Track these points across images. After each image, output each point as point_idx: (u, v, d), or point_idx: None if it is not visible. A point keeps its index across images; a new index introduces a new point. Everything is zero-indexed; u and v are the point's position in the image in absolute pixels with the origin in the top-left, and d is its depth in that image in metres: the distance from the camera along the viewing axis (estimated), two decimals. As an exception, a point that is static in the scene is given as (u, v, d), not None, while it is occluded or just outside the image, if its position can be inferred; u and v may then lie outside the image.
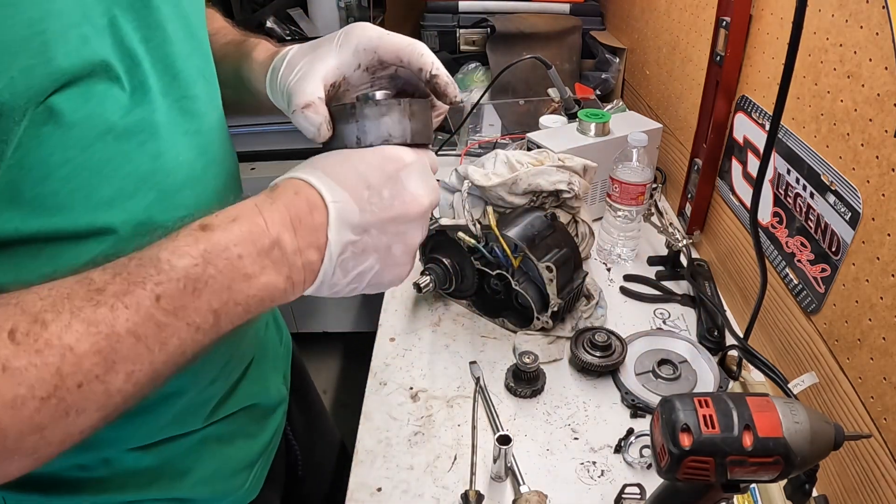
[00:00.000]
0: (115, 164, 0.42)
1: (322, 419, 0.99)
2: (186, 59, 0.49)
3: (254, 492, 0.66)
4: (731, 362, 0.84)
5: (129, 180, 0.44)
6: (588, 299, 0.94)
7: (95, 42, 0.39)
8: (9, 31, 0.34)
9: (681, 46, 1.18)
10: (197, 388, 0.56)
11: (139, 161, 0.44)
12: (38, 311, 0.33)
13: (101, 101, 0.40)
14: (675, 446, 0.46)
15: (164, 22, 0.46)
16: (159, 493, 0.57)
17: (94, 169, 0.41)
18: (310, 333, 2.00)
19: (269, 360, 0.71)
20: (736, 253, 0.94)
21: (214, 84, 0.55)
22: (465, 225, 0.88)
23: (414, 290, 0.90)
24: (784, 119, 0.76)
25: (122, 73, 0.42)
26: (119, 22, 0.42)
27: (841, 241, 0.66)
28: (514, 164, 0.95)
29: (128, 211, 0.44)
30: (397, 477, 0.71)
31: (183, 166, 0.48)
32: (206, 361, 0.56)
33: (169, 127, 0.46)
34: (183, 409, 0.56)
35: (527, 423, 0.78)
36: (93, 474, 0.53)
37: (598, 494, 0.69)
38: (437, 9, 1.69)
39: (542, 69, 1.32)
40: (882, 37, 0.59)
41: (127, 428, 0.52)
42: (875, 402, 0.60)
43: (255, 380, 0.66)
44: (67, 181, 0.40)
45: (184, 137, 0.48)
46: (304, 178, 0.42)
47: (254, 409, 0.66)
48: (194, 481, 0.59)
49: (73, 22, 0.38)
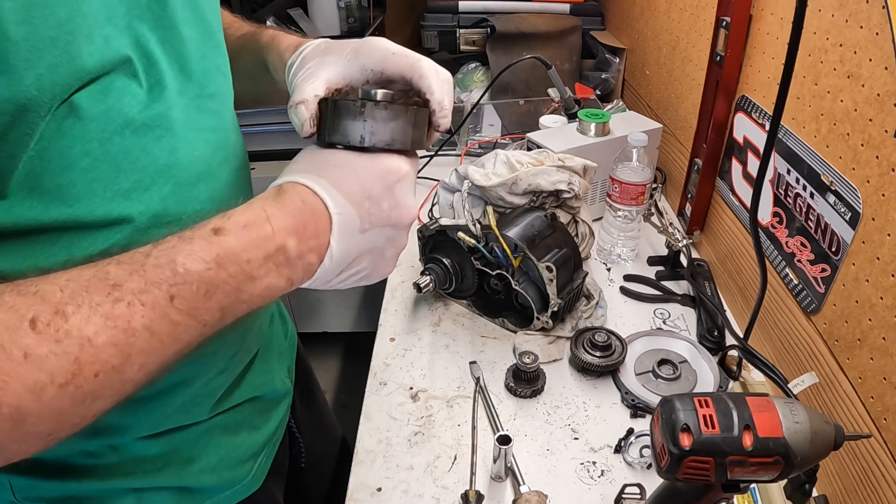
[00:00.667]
0: (133, 156, 0.44)
1: (325, 414, 1.00)
2: (203, 58, 0.51)
3: (257, 482, 0.67)
4: (731, 362, 0.84)
5: (145, 173, 0.45)
6: (588, 299, 0.94)
7: (117, 42, 0.42)
8: (39, 30, 0.36)
9: (681, 46, 1.18)
10: (204, 378, 0.58)
11: (156, 154, 0.46)
12: (58, 303, 0.34)
13: (119, 96, 0.42)
14: (675, 446, 0.46)
15: (179, 24, 0.48)
16: (166, 481, 0.58)
17: (112, 161, 0.43)
18: (310, 333, 2.00)
19: (275, 354, 0.72)
20: (736, 253, 0.94)
21: (230, 82, 0.57)
22: (465, 225, 0.88)
23: (414, 290, 0.90)
24: (784, 119, 0.76)
25: (140, 71, 0.44)
26: (138, 24, 0.44)
27: (841, 241, 0.66)
28: (514, 164, 0.95)
29: (144, 202, 0.46)
30: (397, 477, 0.71)
31: (198, 161, 0.50)
32: (213, 353, 0.57)
33: (185, 123, 0.48)
34: (189, 399, 0.57)
35: (527, 423, 0.78)
36: (100, 461, 0.54)
37: (598, 494, 0.69)
38: (437, 9, 1.69)
39: (542, 69, 1.32)
40: (882, 37, 0.59)
41: (135, 416, 0.54)
42: (875, 402, 0.60)
43: (260, 372, 0.67)
44: (87, 172, 0.42)
45: (199, 133, 0.50)
46: (310, 187, 0.44)
47: (258, 400, 0.67)
48: (200, 470, 0.60)
49: (98, 23, 0.40)
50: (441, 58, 1.70)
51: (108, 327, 0.35)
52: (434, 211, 1.13)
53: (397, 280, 1.05)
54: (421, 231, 0.94)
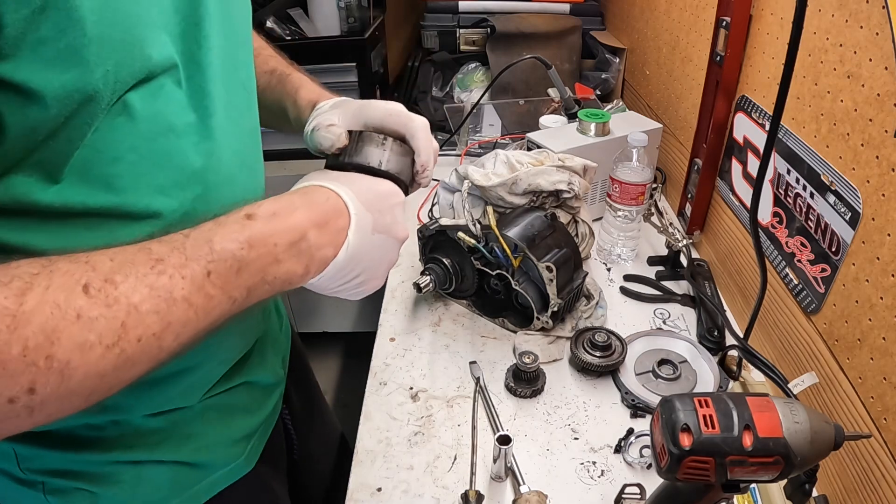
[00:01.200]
0: (174, 157, 0.49)
1: (324, 412, 1.02)
2: (233, 71, 0.55)
3: (250, 463, 0.70)
4: (731, 362, 0.84)
5: (182, 174, 0.50)
6: (588, 299, 0.94)
7: (168, 49, 0.46)
8: (111, 30, 0.40)
9: (681, 46, 1.18)
10: (207, 367, 0.61)
11: (192, 158, 0.50)
12: (108, 272, 0.38)
13: (167, 101, 0.47)
14: (675, 446, 0.46)
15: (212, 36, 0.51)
16: (164, 455, 0.60)
17: (155, 159, 0.47)
18: (310, 333, 2.00)
19: (270, 344, 0.75)
20: (736, 253, 0.94)
21: (254, 95, 0.62)
22: (465, 225, 0.88)
23: (414, 290, 0.90)
24: (784, 119, 0.76)
25: (183, 79, 0.49)
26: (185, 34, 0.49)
27: (841, 241, 0.66)
28: (514, 164, 0.95)
29: (178, 200, 0.50)
30: (397, 477, 0.71)
31: (225, 166, 0.54)
32: (217, 344, 0.61)
33: (218, 129, 0.53)
34: (190, 385, 0.60)
35: (527, 423, 0.78)
36: (103, 433, 0.57)
37: (598, 494, 0.69)
38: (437, 9, 1.69)
39: (542, 69, 1.32)
40: (882, 37, 0.59)
41: (138, 398, 0.56)
42: (875, 402, 0.60)
43: (255, 363, 0.70)
44: (133, 166, 0.46)
45: (228, 139, 0.54)
46: (334, 190, 0.52)
47: (252, 386, 0.70)
48: (197, 446, 0.63)
49: (157, 30, 0.45)
50: (441, 58, 1.70)
51: (152, 297, 0.39)
52: (434, 211, 1.13)
53: (397, 280, 1.05)
54: (421, 231, 0.94)
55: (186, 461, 0.62)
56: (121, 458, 0.58)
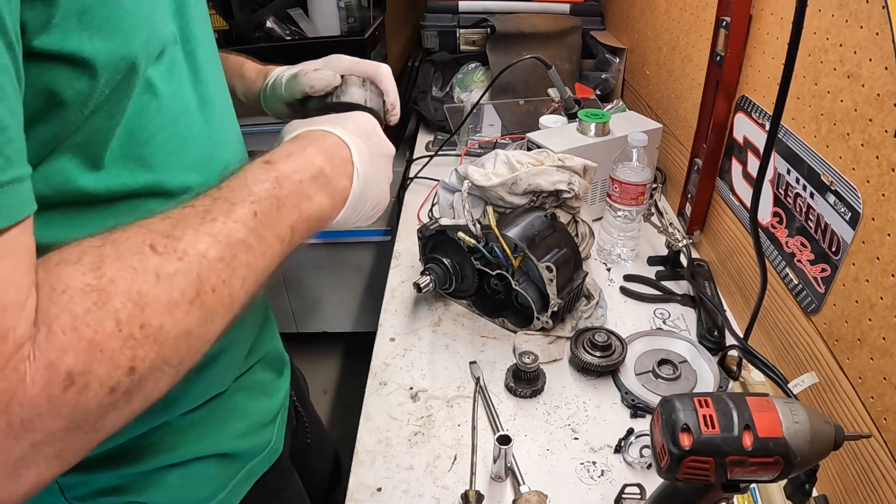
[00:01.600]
0: (196, 134, 0.51)
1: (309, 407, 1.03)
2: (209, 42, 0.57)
3: (279, 447, 0.72)
4: (731, 362, 0.84)
5: (205, 148, 0.53)
6: (588, 299, 0.94)
7: (170, 27, 0.48)
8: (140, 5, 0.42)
9: (681, 46, 1.18)
10: (236, 345, 0.63)
11: (208, 133, 0.53)
12: (165, 229, 0.38)
13: (179, 80, 0.49)
14: (675, 446, 0.46)
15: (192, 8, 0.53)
16: (205, 449, 0.61)
17: (181, 137, 0.49)
18: (310, 333, 2.00)
19: (272, 321, 0.76)
20: (736, 253, 0.94)
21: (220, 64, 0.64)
22: (465, 225, 0.88)
23: (414, 290, 0.90)
24: (784, 119, 0.76)
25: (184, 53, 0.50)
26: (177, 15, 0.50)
27: (841, 241, 0.66)
28: (514, 164, 0.95)
29: (205, 175, 0.52)
30: (397, 477, 0.71)
31: (225, 135, 0.57)
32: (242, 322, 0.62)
33: (215, 102, 0.55)
34: (225, 366, 0.62)
35: (527, 423, 0.78)
36: (147, 441, 0.57)
37: (598, 494, 0.69)
38: (437, 9, 1.69)
39: (542, 69, 1.32)
40: (882, 37, 0.59)
41: (183, 389, 0.56)
42: (875, 402, 0.60)
43: (267, 337, 0.73)
44: (165, 145, 0.48)
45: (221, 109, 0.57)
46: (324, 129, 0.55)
47: (266, 362, 0.71)
48: (234, 434, 0.64)
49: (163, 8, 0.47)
50: (441, 58, 1.70)
51: (215, 243, 0.40)
52: (434, 211, 1.13)
53: (397, 280, 1.05)
54: (421, 231, 0.94)
55: (226, 452, 0.63)
56: (167, 461, 0.58)
